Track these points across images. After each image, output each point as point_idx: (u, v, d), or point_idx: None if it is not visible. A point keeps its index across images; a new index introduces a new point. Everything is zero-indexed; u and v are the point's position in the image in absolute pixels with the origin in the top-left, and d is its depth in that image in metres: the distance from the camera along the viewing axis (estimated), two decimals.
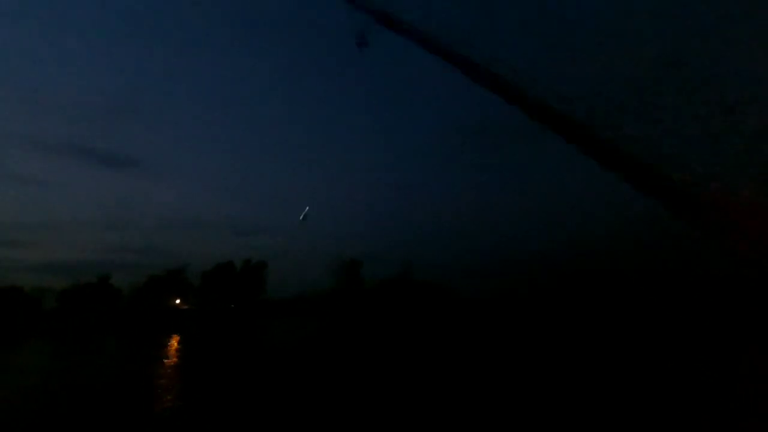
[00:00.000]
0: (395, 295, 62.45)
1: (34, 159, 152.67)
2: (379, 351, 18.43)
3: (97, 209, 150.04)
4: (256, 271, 74.10)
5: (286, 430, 7.39)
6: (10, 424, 8.66)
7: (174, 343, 28.32)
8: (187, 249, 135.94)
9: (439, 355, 15.06)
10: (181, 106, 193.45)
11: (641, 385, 8.63)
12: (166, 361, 18.39)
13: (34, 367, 19.43)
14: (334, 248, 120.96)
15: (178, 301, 65.04)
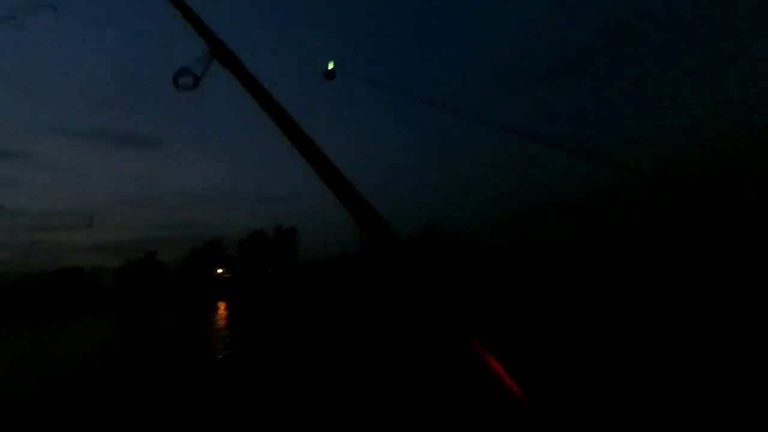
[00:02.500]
0: (423, 250, 63.32)
1: (63, 147, 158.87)
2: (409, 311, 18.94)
3: (128, 189, 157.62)
4: (288, 236, 76.92)
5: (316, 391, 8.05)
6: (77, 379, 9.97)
7: (221, 309, 30.69)
8: (220, 220, 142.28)
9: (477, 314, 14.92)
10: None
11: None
12: (215, 326, 20.08)
13: (95, 337, 21.82)
14: None
15: (220, 271, 69.35)
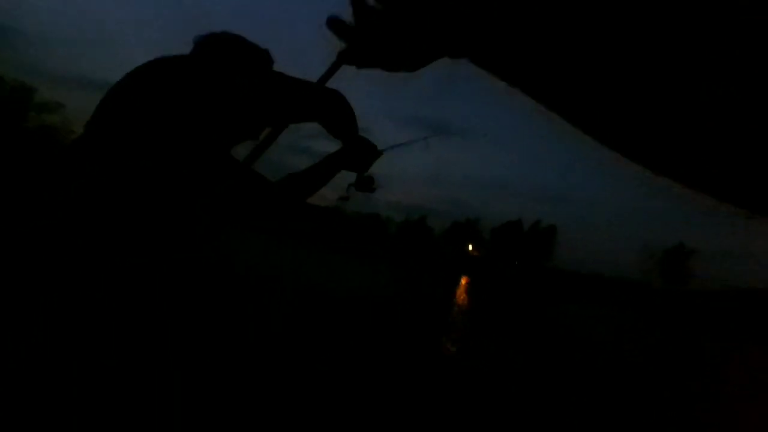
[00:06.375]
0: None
1: (390, 129, 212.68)
2: None
3: (421, 168, 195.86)
4: (545, 234, 71.83)
5: None
6: None
7: (462, 283, 32.70)
8: (485, 205, 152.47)
9: None
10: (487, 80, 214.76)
11: None
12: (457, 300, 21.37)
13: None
14: (646, 229, 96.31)
15: (470, 247, 74.53)
